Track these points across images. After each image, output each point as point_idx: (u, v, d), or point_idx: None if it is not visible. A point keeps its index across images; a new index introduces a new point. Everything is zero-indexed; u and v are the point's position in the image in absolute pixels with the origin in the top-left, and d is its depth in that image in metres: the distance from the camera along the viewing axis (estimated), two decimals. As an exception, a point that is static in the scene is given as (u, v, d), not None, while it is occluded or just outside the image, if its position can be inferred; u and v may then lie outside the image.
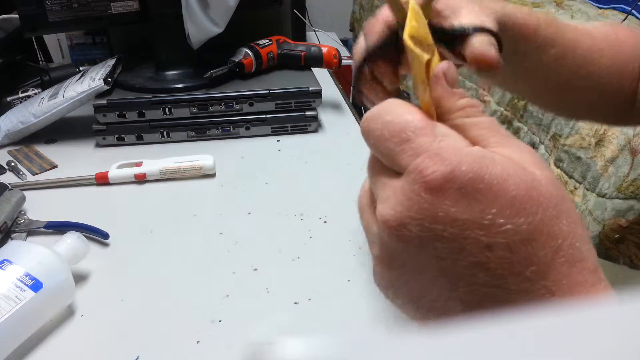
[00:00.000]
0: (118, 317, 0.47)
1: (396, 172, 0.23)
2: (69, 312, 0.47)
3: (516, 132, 1.25)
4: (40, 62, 1.11)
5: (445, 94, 0.25)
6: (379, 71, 0.37)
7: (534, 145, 1.18)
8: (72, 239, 0.49)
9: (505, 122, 1.29)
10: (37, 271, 0.43)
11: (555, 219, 0.22)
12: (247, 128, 0.78)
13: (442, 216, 0.21)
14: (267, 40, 0.84)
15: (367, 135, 0.25)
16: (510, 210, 0.21)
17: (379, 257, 0.25)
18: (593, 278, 0.22)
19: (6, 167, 0.71)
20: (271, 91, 0.76)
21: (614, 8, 1.32)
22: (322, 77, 0.89)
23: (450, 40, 0.33)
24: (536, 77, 0.45)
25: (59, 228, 0.57)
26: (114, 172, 0.66)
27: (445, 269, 0.22)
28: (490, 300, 0.22)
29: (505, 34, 0.36)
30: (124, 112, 0.73)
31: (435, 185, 0.21)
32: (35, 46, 1.10)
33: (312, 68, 0.86)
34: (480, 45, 0.32)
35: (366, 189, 0.27)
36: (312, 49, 0.85)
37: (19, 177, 0.69)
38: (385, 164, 0.24)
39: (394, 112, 0.24)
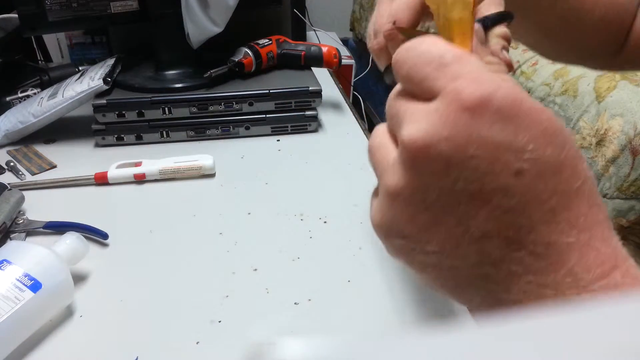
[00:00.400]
0: (118, 317, 0.47)
1: (427, 100, 0.23)
2: (68, 313, 0.47)
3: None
4: (40, 62, 1.11)
5: (477, 46, 0.26)
6: None
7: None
8: (71, 239, 0.49)
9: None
10: (36, 271, 0.43)
11: (578, 160, 0.23)
12: (247, 128, 0.78)
13: (476, 137, 0.22)
14: (267, 40, 0.84)
15: (401, 62, 0.25)
16: (542, 140, 0.22)
17: (395, 186, 0.24)
18: (608, 223, 0.23)
19: (5, 167, 0.70)
20: (271, 91, 0.76)
21: None
22: (322, 77, 0.89)
23: None
24: (532, 18, 0.46)
25: (58, 228, 0.57)
26: (113, 172, 0.66)
27: (470, 193, 0.22)
28: (511, 230, 0.22)
29: None
30: (124, 112, 0.73)
31: (472, 105, 0.22)
32: (35, 46, 1.10)
33: (312, 68, 0.86)
34: (496, 47, 0.33)
35: (381, 129, 0.27)
36: (312, 48, 0.85)
37: (18, 177, 0.69)
38: (416, 92, 0.24)
39: (432, 43, 0.24)
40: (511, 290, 0.23)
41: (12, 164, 0.71)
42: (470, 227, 0.23)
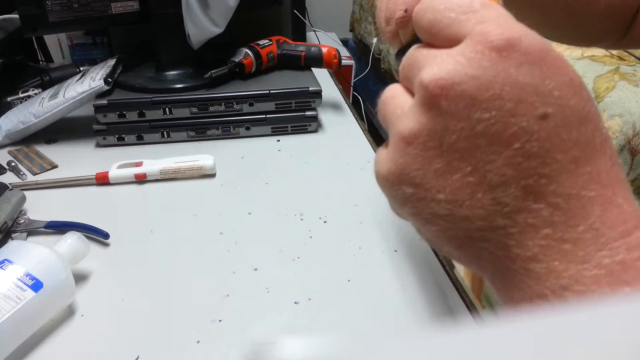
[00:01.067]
0: (118, 316, 0.47)
1: (450, 47, 0.23)
2: (69, 312, 0.47)
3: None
4: (41, 62, 1.11)
5: None
6: None
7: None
8: (72, 238, 0.49)
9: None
10: (37, 271, 0.43)
11: (599, 118, 0.23)
12: (247, 128, 0.78)
13: (502, 76, 0.21)
14: (267, 41, 0.84)
15: (424, 10, 0.24)
16: (567, 89, 0.22)
17: (410, 130, 0.23)
18: (628, 184, 0.23)
19: (6, 167, 0.71)
20: (271, 91, 0.76)
21: None
22: (322, 77, 0.89)
23: None
24: (535, 9, 0.46)
25: (59, 228, 0.57)
26: (114, 172, 0.66)
27: (491, 136, 0.22)
28: (531, 179, 0.22)
29: None
30: (124, 112, 0.73)
31: (500, 46, 0.21)
32: (36, 46, 1.10)
33: (312, 68, 0.86)
34: None
35: (395, 84, 0.27)
36: (312, 49, 0.85)
37: (19, 177, 0.69)
38: (437, 41, 0.24)
39: None
40: (526, 245, 0.22)
41: (13, 164, 0.71)
42: (487, 174, 0.22)
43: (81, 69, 0.89)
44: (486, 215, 0.23)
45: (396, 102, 0.26)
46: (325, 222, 0.59)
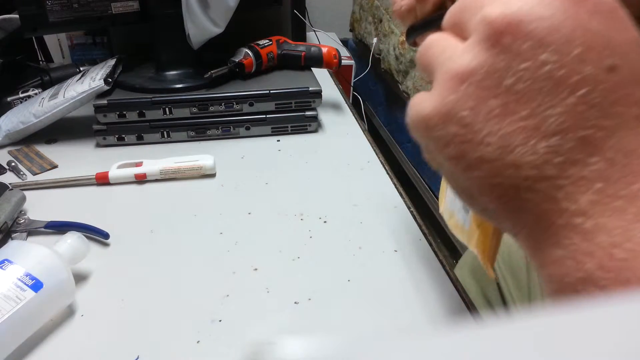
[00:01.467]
0: (118, 316, 0.47)
1: None
2: (69, 312, 0.47)
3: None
4: (41, 62, 1.11)
5: None
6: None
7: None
8: (72, 238, 0.49)
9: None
10: (37, 271, 0.43)
11: None
12: (247, 128, 0.78)
13: (573, 20, 0.21)
14: (267, 41, 0.84)
15: None
16: (634, 47, 0.21)
17: (467, 66, 0.22)
18: None
19: (6, 167, 0.71)
20: (271, 91, 0.77)
21: None
22: (322, 77, 0.89)
23: None
24: None
25: (59, 228, 0.57)
26: (114, 172, 0.66)
27: (556, 80, 0.21)
28: (591, 130, 0.21)
29: None
30: (124, 112, 0.74)
31: None
32: (36, 46, 1.10)
33: (312, 68, 0.86)
34: None
35: (437, 34, 0.26)
36: (312, 49, 0.85)
37: (19, 177, 0.69)
38: None
39: None
40: (576, 199, 0.21)
41: (13, 164, 0.71)
42: (545, 120, 0.21)
43: (81, 69, 0.89)
44: (537, 164, 0.22)
45: (443, 44, 0.25)
46: (325, 222, 0.59)
